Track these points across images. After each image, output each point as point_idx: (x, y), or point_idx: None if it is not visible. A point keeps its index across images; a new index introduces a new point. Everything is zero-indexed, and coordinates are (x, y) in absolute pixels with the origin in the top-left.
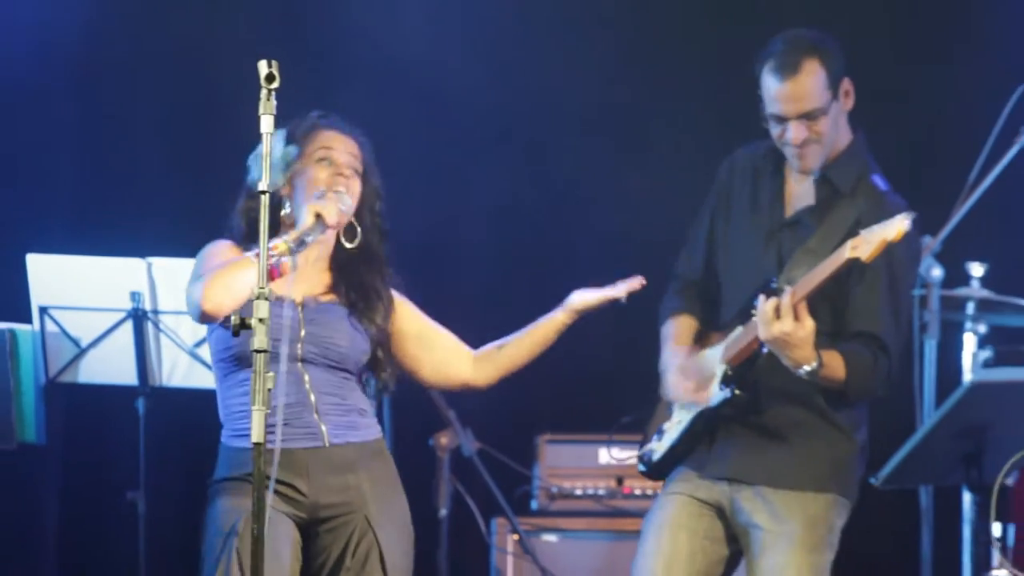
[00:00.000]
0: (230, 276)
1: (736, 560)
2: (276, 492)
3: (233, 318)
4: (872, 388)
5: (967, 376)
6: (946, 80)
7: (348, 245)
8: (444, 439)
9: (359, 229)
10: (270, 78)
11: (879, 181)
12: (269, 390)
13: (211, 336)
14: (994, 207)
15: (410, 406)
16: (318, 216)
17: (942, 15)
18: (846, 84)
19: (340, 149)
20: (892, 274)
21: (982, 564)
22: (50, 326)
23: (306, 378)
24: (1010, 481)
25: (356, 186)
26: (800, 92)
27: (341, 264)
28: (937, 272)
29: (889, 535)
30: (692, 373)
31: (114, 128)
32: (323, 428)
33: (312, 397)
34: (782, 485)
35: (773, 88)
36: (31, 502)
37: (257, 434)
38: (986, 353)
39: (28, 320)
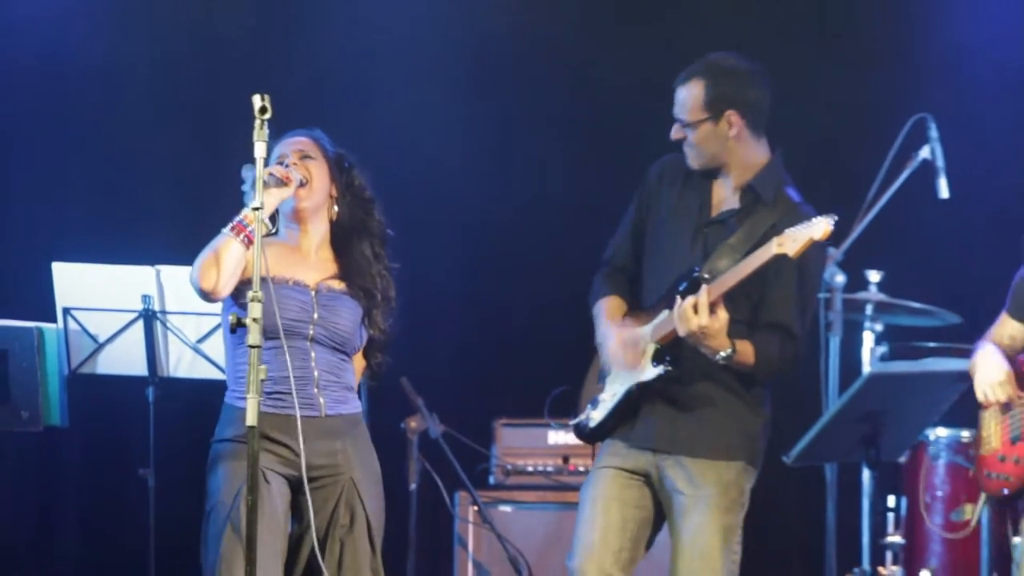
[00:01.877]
0: (215, 254)
1: (660, 521)
2: (273, 453)
3: (231, 317)
4: (778, 370)
5: (866, 369)
6: (845, 110)
7: (333, 216)
8: (413, 423)
9: (339, 202)
10: (263, 110)
11: (793, 193)
12: (263, 380)
13: (226, 312)
14: (889, 222)
15: (385, 394)
16: (269, 175)
17: (840, 50)
18: (733, 116)
19: (288, 149)
20: (802, 274)
21: (878, 531)
22: (72, 325)
23: (312, 355)
24: (902, 459)
25: (310, 165)
26: (680, 100)
27: (340, 244)
28: (840, 278)
29: (799, 506)
30: (629, 345)
31: (124, 150)
32: (321, 400)
33: (316, 373)
34: (699, 455)
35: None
36: (56, 477)
37: (251, 418)
38: (882, 349)
39: (53, 319)
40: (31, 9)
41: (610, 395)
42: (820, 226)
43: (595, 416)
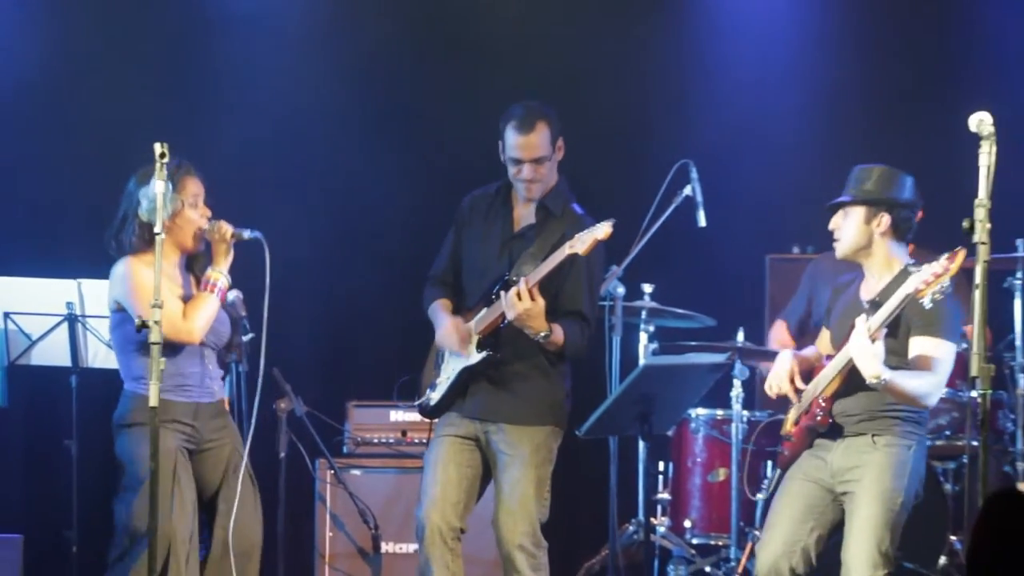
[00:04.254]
0: (204, 316)
1: (488, 477)
2: (182, 433)
3: (137, 321)
4: (581, 348)
5: (641, 361)
6: (621, 151)
7: (198, 247)
8: (283, 404)
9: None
10: (163, 155)
11: (577, 208)
12: (162, 370)
13: (126, 327)
14: (659, 245)
15: (258, 384)
16: (220, 238)
17: (622, 99)
18: (560, 142)
19: (196, 193)
20: (590, 269)
21: (651, 489)
22: (11, 325)
23: (204, 354)
24: (670, 433)
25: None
26: (533, 144)
27: (198, 260)
28: (621, 289)
29: (588, 470)
30: (460, 330)
31: (48, 178)
32: (214, 387)
33: (208, 367)
34: (515, 422)
35: (514, 139)
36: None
37: (153, 400)
38: (653, 345)
39: None
40: None
41: (445, 378)
42: (603, 228)
43: (434, 396)
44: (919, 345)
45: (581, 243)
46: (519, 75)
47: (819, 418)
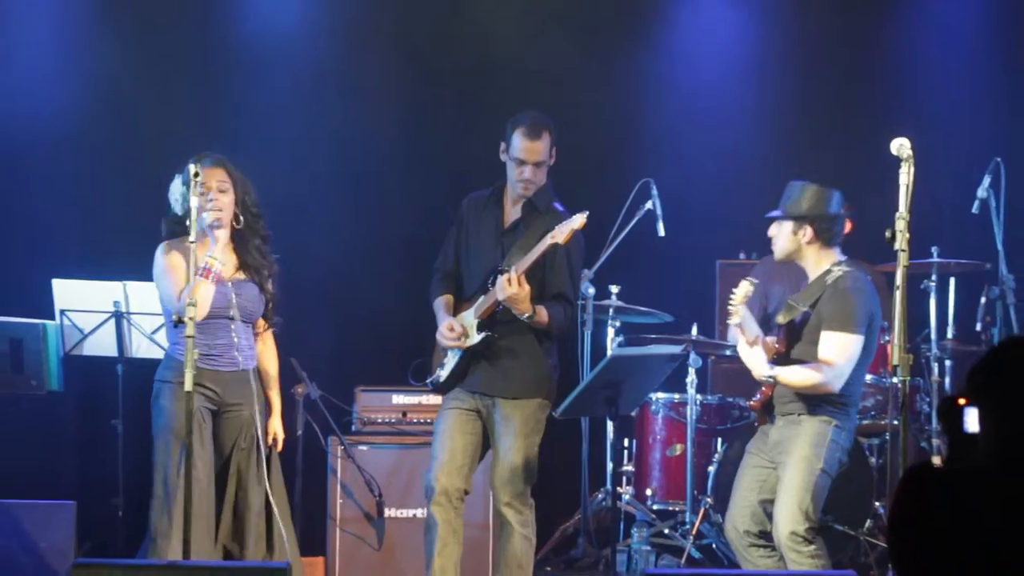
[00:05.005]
0: (206, 298)
1: (487, 442)
2: (205, 395)
3: (174, 316)
4: (565, 326)
5: (609, 352)
6: (587, 171)
7: (237, 226)
8: (300, 389)
9: (240, 215)
10: (196, 175)
11: (558, 205)
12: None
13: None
14: (624, 251)
15: (281, 370)
16: (212, 225)
17: (589, 124)
18: (554, 151)
19: (210, 179)
20: (569, 259)
21: (618, 462)
22: (66, 321)
23: (233, 327)
24: (633, 414)
25: (225, 197)
26: (538, 149)
27: (238, 241)
28: (592, 290)
29: (563, 446)
30: (457, 329)
31: (99, 192)
32: (239, 358)
33: (236, 339)
34: (509, 396)
35: (521, 143)
36: (54, 427)
37: (188, 385)
38: (620, 339)
39: (52, 318)
40: (30, 71)
41: (451, 358)
42: (578, 219)
43: (443, 374)
44: (823, 339)
45: (560, 233)
46: (509, 100)
47: (758, 398)
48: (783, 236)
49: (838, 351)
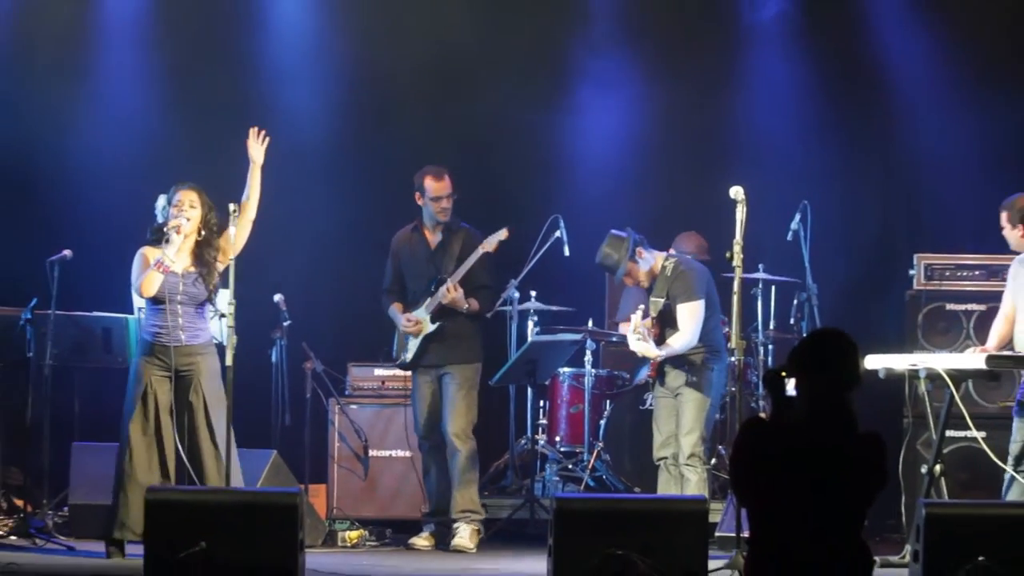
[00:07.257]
0: (151, 281)
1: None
2: (157, 364)
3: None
4: (491, 309)
5: (529, 338)
6: (495, 204)
7: (199, 237)
8: (309, 364)
9: (203, 230)
10: (234, 211)
11: (465, 224)
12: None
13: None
14: (540, 267)
15: (293, 352)
16: (173, 230)
17: (506, 161)
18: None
19: (184, 201)
20: (486, 264)
21: (535, 417)
22: (141, 316)
23: (181, 311)
24: (547, 382)
25: (194, 213)
26: (446, 187)
27: (199, 246)
28: (517, 294)
29: (496, 406)
30: (413, 319)
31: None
32: (182, 336)
33: (180, 321)
34: (454, 362)
35: (434, 185)
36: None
37: (228, 359)
38: (537, 329)
39: (132, 313)
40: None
41: (413, 344)
42: (503, 233)
43: (407, 357)
44: (679, 312)
45: (491, 244)
46: (437, 143)
47: (650, 369)
48: (624, 274)
49: (688, 318)
